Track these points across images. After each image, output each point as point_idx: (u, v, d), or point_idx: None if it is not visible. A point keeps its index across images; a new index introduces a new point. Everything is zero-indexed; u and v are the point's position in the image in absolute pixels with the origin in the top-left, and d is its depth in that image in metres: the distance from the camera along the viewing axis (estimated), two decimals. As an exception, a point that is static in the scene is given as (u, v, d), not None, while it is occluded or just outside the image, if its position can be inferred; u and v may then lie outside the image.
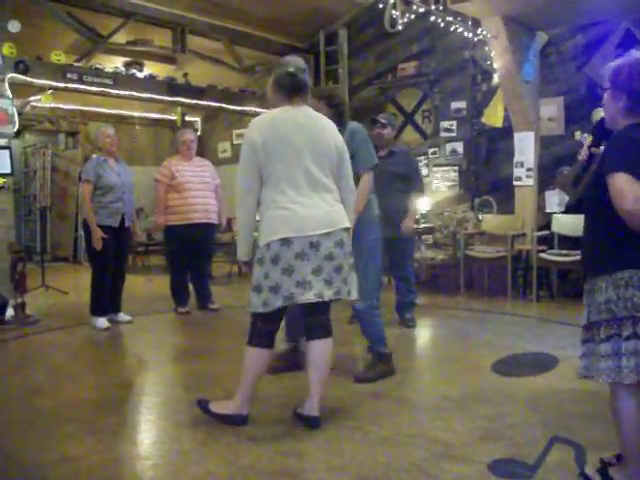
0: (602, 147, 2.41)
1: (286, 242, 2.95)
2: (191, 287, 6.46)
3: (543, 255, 6.55)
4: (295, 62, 3.20)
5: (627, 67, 2.25)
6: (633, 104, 2.22)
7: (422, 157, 8.64)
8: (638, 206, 2.04)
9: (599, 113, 6.40)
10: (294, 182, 3.00)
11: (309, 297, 2.98)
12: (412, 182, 5.41)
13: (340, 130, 3.37)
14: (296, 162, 3.01)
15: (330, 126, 3.20)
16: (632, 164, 2.11)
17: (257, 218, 3.15)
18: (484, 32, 6.73)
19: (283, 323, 3.31)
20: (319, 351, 3.16)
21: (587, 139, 3.09)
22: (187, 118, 11.44)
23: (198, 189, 6.16)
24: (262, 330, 3.10)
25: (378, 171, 4.22)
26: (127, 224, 5.64)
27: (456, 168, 8.27)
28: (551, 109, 7.28)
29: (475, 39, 6.99)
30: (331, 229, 3.02)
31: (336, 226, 3.04)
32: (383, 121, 5.38)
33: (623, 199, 2.06)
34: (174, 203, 6.09)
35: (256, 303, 3.02)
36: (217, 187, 6.39)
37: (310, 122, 3.11)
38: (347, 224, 3.13)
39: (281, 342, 3.97)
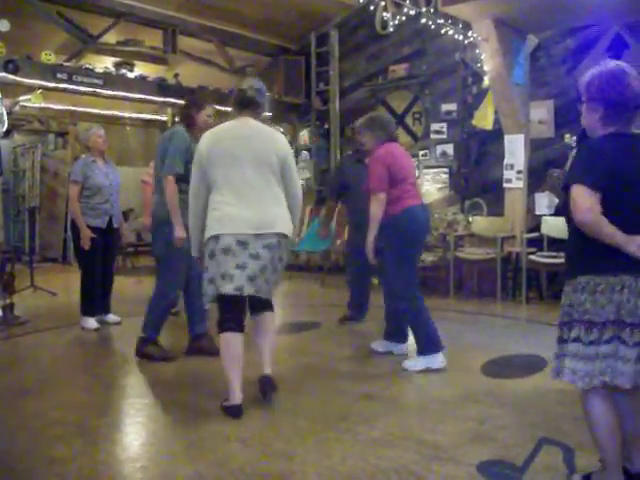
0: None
1: (216, 238, 3.27)
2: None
3: (532, 257, 6.58)
4: (250, 82, 3.58)
5: (597, 78, 2.29)
6: (608, 114, 2.26)
7: (412, 159, 8.67)
8: (589, 217, 2.13)
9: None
10: (233, 187, 3.31)
11: (229, 289, 3.25)
12: None
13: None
14: (236, 169, 3.32)
15: (273, 137, 3.48)
16: (593, 176, 2.16)
17: None
18: (475, 35, 6.76)
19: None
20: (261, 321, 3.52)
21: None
22: (177, 119, 11.40)
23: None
24: (222, 317, 3.36)
25: (360, 182, 4.39)
26: (115, 225, 5.62)
27: (446, 170, 8.29)
28: (541, 112, 7.31)
29: (466, 42, 7.02)
30: (261, 231, 3.27)
31: (268, 229, 3.29)
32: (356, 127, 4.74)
33: (576, 209, 2.15)
34: None
35: (204, 293, 3.41)
36: None
37: (252, 134, 3.41)
38: (283, 230, 3.36)
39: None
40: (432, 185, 8.45)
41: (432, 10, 6.66)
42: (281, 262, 3.43)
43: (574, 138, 6.90)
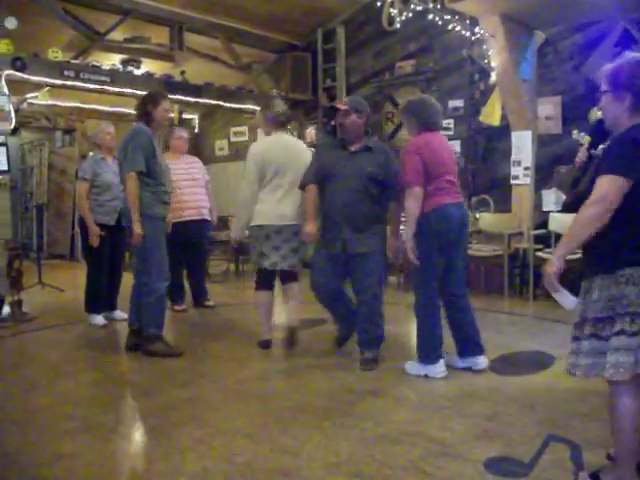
0: (601, 148, 2.41)
1: (260, 227, 4.43)
2: (186, 284, 6.45)
3: (540, 254, 6.56)
4: (281, 106, 4.64)
5: (627, 66, 2.23)
6: (637, 102, 2.21)
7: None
8: (604, 207, 2.15)
9: (596, 113, 6.40)
10: (275, 187, 4.44)
11: (266, 265, 4.47)
12: (387, 188, 4.21)
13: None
14: (279, 174, 4.42)
15: (303, 150, 4.63)
16: (623, 166, 2.13)
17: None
18: (482, 31, 6.74)
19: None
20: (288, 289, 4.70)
21: (584, 139, 3.09)
22: (184, 116, 11.42)
23: (189, 186, 6.10)
24: (259, 279, 4.62)
25: (346, 172, 4.10)
26: (124, 224, 5.61)
27: (453, 167, 8.26)
28: (548, 108, 7.28)
29: (473, 38, 6.99)
30: (291, 222, 4.42)
31: (295, 221, 4.43)
32: (342, 107, 4.22)
33: (594, 196, 2.16)
34: None
35: (254, 261, 4.63)
36: (207, 183, 6.33)
37: (290, 145, 4.56)
38: (300, 221, 4.40)
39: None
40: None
41: (439, 6, 6.63)
42: (302, 245, 4.53)
43: (582, 134, 6.86)
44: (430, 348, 3.95)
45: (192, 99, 8.92)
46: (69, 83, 7.49)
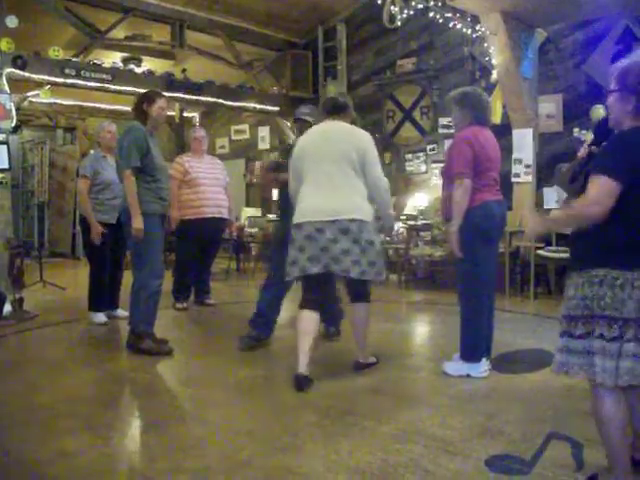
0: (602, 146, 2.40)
1: (298, 226, 3.68)
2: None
3: (541, 252, 6.56)
4: (338, 92, 4.18)
5: (636, 68, 2.19)
6: None
7: (421, 153, 8.69)
8: (594, 210, 2.12)
9: (597, 111, 6.40)
10: (315, 179, 3.71)
11: (313, 270, 3.63)
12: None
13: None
14: (317, 165, 3.72)
15: (353, 135, 3.81)
16: (614, 167, 2.11)
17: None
18: (483, 29, 6.73)
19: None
20: (354, 312, 3.92)
21: (586, 136, 3.10)
22: (185, 114, 11.43)
23: (210, 185, 6.25)
24: (303, 295, 3.82)
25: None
26: (123, 220, 5.61)
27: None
28: (550, 106, 7.28)
29: (474, 35, 6.99)
30: (337, 217, 3.59)
31: (344, 216, 3.60)
32: (303, 117, 4.62)
33: (586, 199, 2.14)
34: (187, 198, 6.15)
35: (288, 273, 3.79)
36: (227, 184, 6.50)
37: (334, 133, 3.81)
38: (359, 216, 3.63)
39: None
40: (441, 179, 8.39)
41: (440, 4, 6.61)
42: (372, 245, 3.67)
43: (583, 132, 6.87)
44: (474, 347, 3.83)
45: (193, 97, 8.93)
46: (70, 81, 7.51)
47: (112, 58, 8.70)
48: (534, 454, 2.69)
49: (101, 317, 5.51)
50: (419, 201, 8.47)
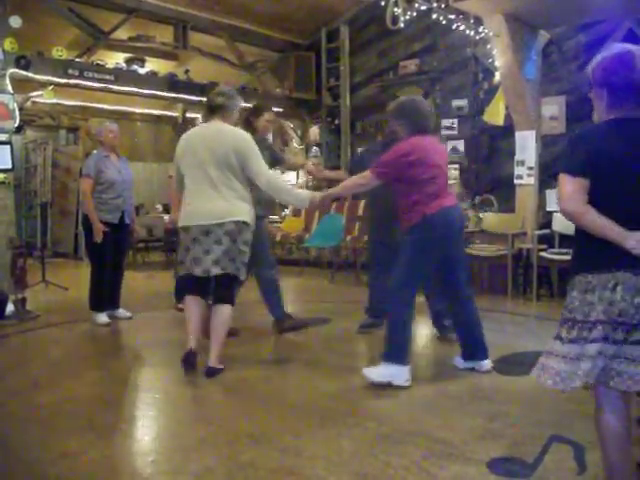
0: None
1: (185, 229, 3.89)
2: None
3: (543, 254, 6.55)
4: (220, 88, 4.16)
5: (601, 62, 2.18)
6: (612, 99, 2.15)
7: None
8: (569, 206, 2.07)
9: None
10: (197, 183, 3.86)
11: (198, 271, 3.84)
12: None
13: None
14: (199, 168, 3.84)
15: (230, 137, 3.87)
16: (572, 162, 2.11)
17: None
18: (486, 30, 6.72)
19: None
20: (214, 315, 3.95)
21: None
22: (188, 115, 11.44)
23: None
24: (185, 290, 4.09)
25: None
26: (127, 221, 5.63)
27: (457, 166, 8.25)
28: (552, 108, 7.27)
29: (477, 37, 6.97)
30: (221, 220, 3.77)
31: (226, 218, 3.78)
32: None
33: (559, 199, 2.11)
34: None
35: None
36: None
37: (213, 135, 3.88)
38: (240, 218, 3.82)
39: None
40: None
41: (443, 5, 6.61)
42: (246, 245, 3.88)
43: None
44: (399, 349, 3.69)
45: (196, 98, 8.93)
46: (73, 82, 7.52)
47: (115, 59, 8.71)
48: (536, 457, 2.68)
49: (103, 318, 5.51)
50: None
